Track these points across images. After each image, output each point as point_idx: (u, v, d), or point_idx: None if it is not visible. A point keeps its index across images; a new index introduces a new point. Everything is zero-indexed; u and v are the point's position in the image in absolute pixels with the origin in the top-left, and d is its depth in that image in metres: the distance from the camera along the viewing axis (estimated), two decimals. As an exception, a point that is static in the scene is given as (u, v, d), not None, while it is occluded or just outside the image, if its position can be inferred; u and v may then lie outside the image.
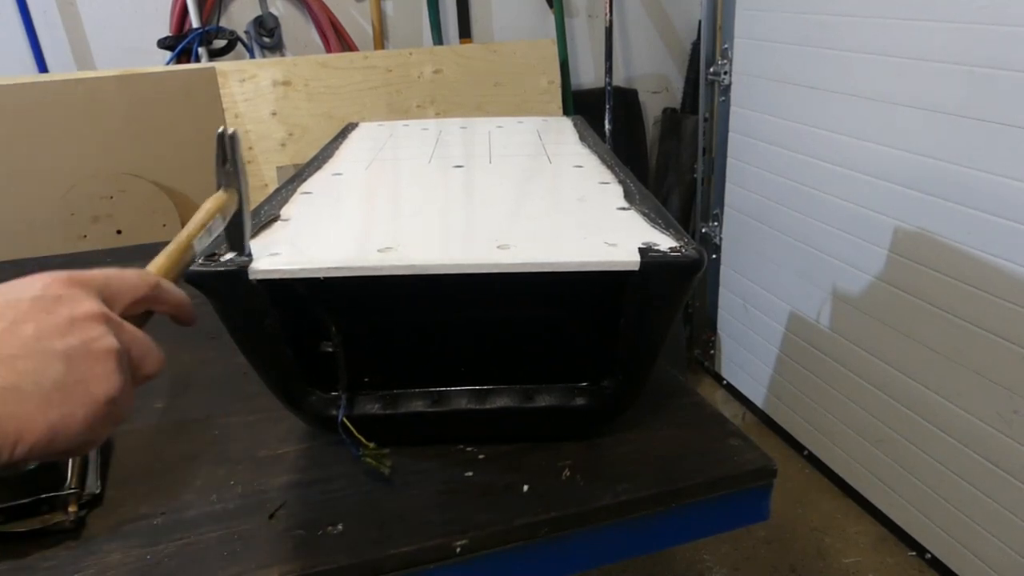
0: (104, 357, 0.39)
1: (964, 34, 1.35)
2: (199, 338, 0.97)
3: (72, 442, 0.38)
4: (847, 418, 1.82)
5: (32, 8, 1.95)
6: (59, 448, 0.38)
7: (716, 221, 2.24)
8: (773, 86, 1.88)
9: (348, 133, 1.18)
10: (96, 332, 0.40)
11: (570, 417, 0.71)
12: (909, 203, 1.52)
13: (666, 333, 0.66)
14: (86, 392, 0.38)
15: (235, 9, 2.14)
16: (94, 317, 0.40)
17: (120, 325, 0.42)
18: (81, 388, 0.38)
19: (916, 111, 1.47)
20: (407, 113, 2.10)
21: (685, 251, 0.60)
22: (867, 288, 1.67)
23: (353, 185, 0.87)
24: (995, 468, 1.43)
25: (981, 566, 1.50)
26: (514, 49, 2.18)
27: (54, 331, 0.38)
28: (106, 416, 0.39)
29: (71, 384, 0.38)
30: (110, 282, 0.43)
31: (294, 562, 0.59)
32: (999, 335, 1.37)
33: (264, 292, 0.60)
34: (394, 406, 0.69)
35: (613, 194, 0.78)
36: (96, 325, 0.40)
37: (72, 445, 0.38)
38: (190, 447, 0.76)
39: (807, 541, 1.77)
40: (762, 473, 0.69)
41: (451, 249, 0.65)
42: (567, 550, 0.65)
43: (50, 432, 0.37)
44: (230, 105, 1.96)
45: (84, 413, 0.38)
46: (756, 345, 2.16)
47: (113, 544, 0.62)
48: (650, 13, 2.53)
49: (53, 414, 0.37)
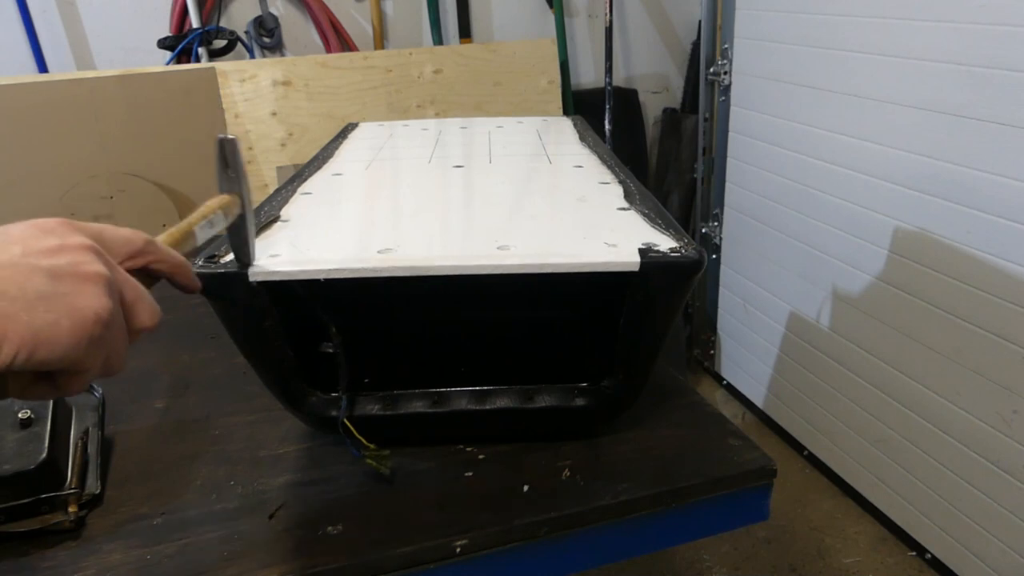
0: (92, 279, 0.39)
1: (964, 34, 1.35)
2: (199, 338, 0.97)
3: (56, 352, 0.38)
4: (847, 418, 1.82)
5: (32, 8, 1.95)
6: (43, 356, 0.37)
7: (716, 221, 2.24)
8: (773, 86, 1.88)
9: (348, 133, 1.18)
10: (84, 258, 0.39)
11: (570, 417, 0.71)
12: (909, 203, 1.52)
13: (666, 333, 0.66)
14: (72, 305, 0.38)
15: (235, 9, 2.14)
16: (85, 247, 0.40)
17: (112, 264, 0.42)
18: (67, 301, 0.38)
19: (916, 111, 1.47)
20: (407, 113, 2.10)
21: (685, 251, 0.60)
22: (867, 288, 1.67)
23: (353, 185, 0.87)
24: (995, 468, 1.43)
25: (981, 566, 1.50)
26: (514, 49, 2.18)
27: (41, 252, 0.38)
28: (93, 335, 0.39)
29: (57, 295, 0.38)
30: (104, 232, 0.43)
31: (294, 562, 0.59)
32: (999, 335, 1.37)
33: (264, 293, 0.60)
34: (394, 407, 0.69)
35: (613, 194, 0.78)
36: (86, 252, 0.40)
37: (56, 356, 0.38)
38: (190, 447, 0.76)
39: (807, 541, 1.77)
40: (762, 473, 0.69)
41: (451, 250, 0.65)
42: (567, 550, 0.65)
43: (34, 336, 0.37)
44: (230, 105, 1.96)
45: (70, 324, 0.38)
46: (756, 345, 2.16)
47: (113, 544, 0.62)
48: (650, 13, 2.53)
49: (37, 319, 0.37)
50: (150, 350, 0.95)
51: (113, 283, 0.41)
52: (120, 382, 0.87)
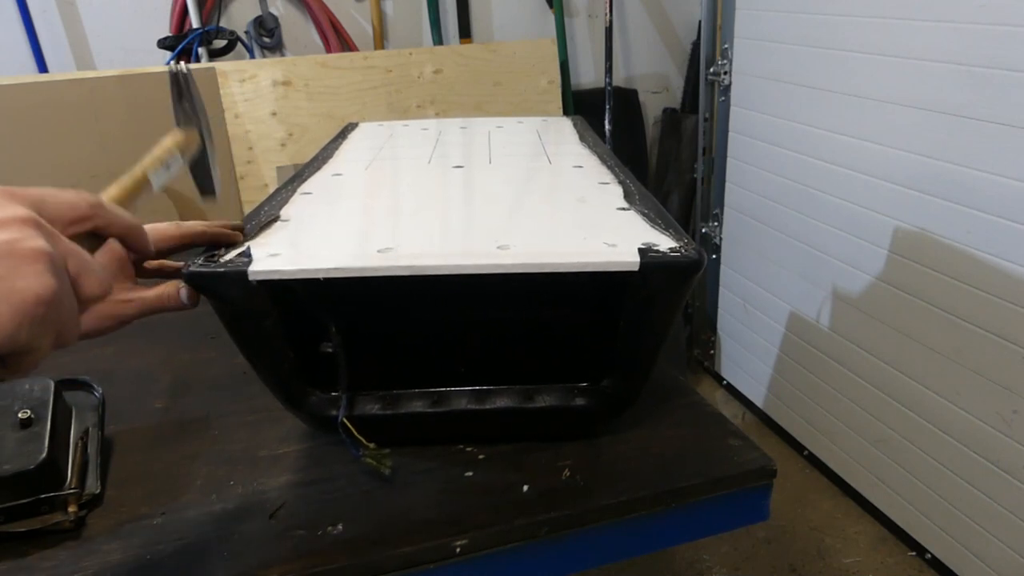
0: (31, 257, 0.37)
1: (964, 34, 1.35)
2: (199, 338, 0.97)
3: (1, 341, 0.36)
4: (847, 418, 1.82)
5: (32, 8, 1.95)
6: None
7: (716, 221, 2.24)
8: (773, 86, 1.88)
9: (348, 133, 1.18)
10: (22, 234, 0.37)
11: (570, 417, 0.71)
12: (909, 203, 1.52)
13: (666, 333, 0.66)
14: (10, 289, 0.36)
15: (235, 9, 2.14)
16: (22, 220, 0.38)
17: (54, 235, 0.39)
18: (5, 285, 0.36)
19: (916, 111, 1.47)
20: (407, 113, 2.10)
21: (685, 251, 0.60)
22: (867, 288, 1.67)
23: (353, 185, 0.87)
24: (995, 468, 1.43)
25: (981, 566, 1.50)
26: (514, 49, 2.18)
27: None
28: (37, 318, 0.37)
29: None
30: (45, 198, 0.41)
31: (294, 562, 0.59)
32: (999, 335, 1.37)
33: (264, 292, 0.60)
34: (394, 406, 0.69)
35: (613, 194, 0.78)
36: (23, 227, 0.38)
37: (1, 343, 0.36)
38: (190, 447, 0.76)
39: (807, 541, 1.77)
40: (762, 473, 0.69)
41: (451, 249, 0.65)
42: (567, 550, 0.65)
43: None
44: (230, 105, 1.96)
45: (9, 309, 0.36)
46: (756, 345, 2.16)
47: (113, 544, 0.62)
48: (650, 13, 2.53)
49: None
50: (150, 350, 0.95)
51: (56, 257, 0.38)
52: (120, 382, 0.87)
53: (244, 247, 0.62)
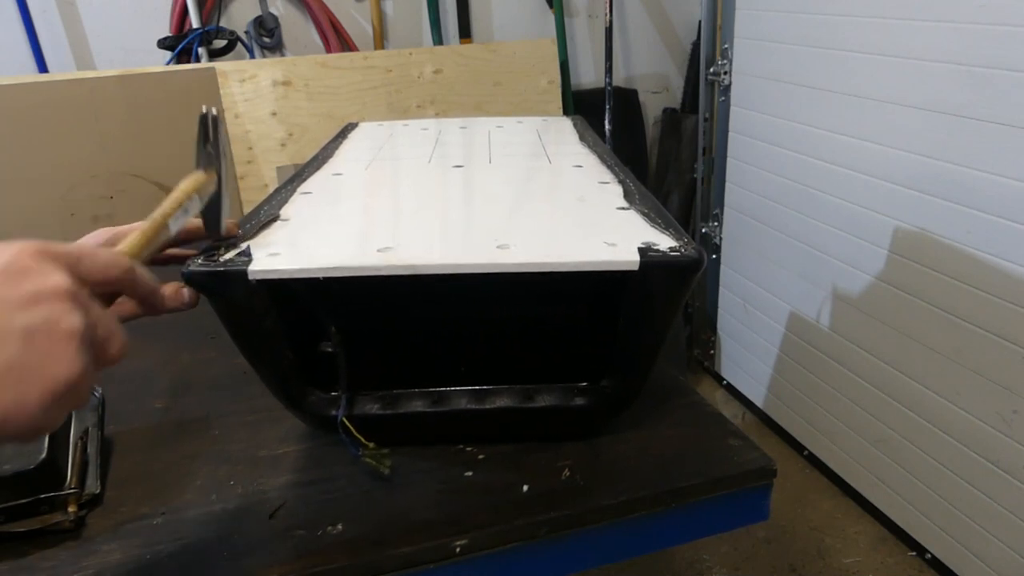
0: (66, 338, 0.37)
1: (964, 34, 1.35)
2: (199, 338, 0.97)
3: (24, 427, 0.36)
4: (847, 418, 1.82)
5: (32, 8, 1.95)
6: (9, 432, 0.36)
7: (716, 221, 2.24)
8: (773, 86, 1.88)
9: (348, 133, 1.18)
10: (61, 310, 0.38)
11: (570, 417, 0.71)
12: (909, 203, 1.52)
13: (666, 333, 0.66)
14: (44, 375, 0.36)
15: (235, 9, 2.14)
16: (61, 294, 0.38)
17: (87, 304, 0.40)
18: (39, 371, 0.36)
19: (916, 111, 1.47)
20: (407, 113, 2.10)
21: (685, 251, 0.60)
22: (867, 288, 1.67)
23: (353, 185, 0.87)
24: (995, 468, 1.43)
25: (981, 566, 1.50)
26: (514, 49, 2.18)
27: (16, 305, 0.36)
28: (62, 400, 0.38)
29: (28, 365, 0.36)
30: (83, 259, 0.42)
31: (294, 562, 0.59)
32: (999, 335, 1.37)
33: (264, 292, 0.60)
34: (394, 406, 0.69)
35: (613, 194, 0.78)
36: (62, 302, 0.38)
37: (24, 430, 0.37)
38: (190, 447, 0.76)
39: (807, 541, 1.77)
40: (762, 473, 0.69)
41: (451, 249, 0.65)
42: (567, 550, 0.65)
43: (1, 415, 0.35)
44: (230, 105, 1.96)
45: (39, 397, 0.36)
46: (756, 345, 2.16)
47: (113, 544, 0.62)
48: (650, 13, 2.53)
49: (6, 396, 0.35)
50: (150, 350, 0.95)
51: (88, 331, 0.39)
52: (120, 382, 0.87)
53: (244, 247, 0.62)
